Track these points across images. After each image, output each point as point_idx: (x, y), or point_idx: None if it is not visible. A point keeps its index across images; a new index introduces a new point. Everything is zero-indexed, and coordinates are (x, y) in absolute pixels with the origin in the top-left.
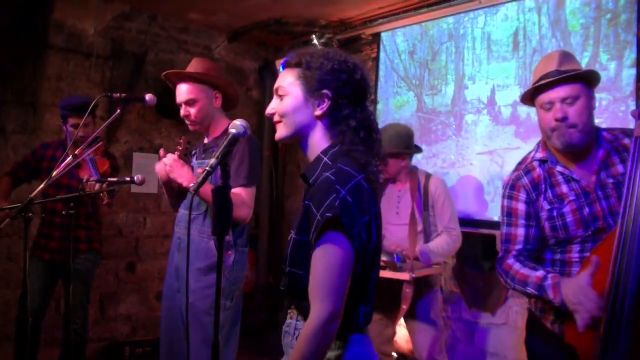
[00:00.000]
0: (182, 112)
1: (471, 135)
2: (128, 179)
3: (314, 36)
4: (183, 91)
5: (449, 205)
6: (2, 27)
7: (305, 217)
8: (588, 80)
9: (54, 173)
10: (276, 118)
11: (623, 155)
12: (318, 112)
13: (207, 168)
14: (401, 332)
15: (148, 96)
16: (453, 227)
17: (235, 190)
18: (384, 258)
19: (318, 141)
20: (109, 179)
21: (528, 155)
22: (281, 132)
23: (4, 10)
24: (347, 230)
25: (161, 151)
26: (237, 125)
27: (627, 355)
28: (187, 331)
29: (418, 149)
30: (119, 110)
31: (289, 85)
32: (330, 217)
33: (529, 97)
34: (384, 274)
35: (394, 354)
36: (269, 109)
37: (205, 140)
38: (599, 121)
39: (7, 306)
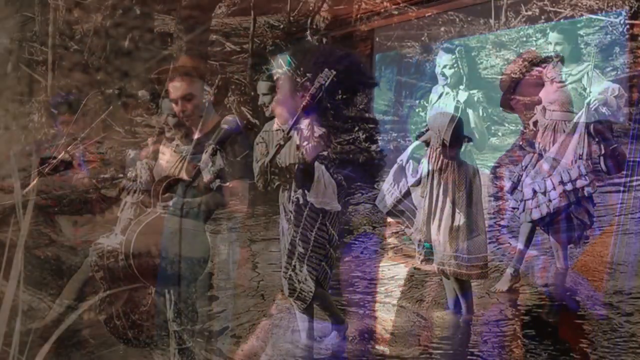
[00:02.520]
0: (179, 107)
1: None
2: (121, 175)
3: (307, 32)
4: (180, 87)
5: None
6: None
7: None
8: None
9: (46, 170)
10: None
11: (597, 138)
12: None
13: (199, 164)
14: None
15: (140, 93)
16: None
17: (233, 184)
18: None
19: None
20: (101, 175)
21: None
22: None
23: None
24: None
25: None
26: (229, 121)
27: None
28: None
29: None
30: (111, 107)
31: None
32: None
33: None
34: None
35: None
36: None
37: (196, 135)
38: None
39: None
